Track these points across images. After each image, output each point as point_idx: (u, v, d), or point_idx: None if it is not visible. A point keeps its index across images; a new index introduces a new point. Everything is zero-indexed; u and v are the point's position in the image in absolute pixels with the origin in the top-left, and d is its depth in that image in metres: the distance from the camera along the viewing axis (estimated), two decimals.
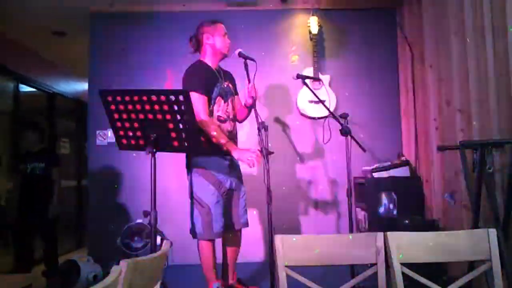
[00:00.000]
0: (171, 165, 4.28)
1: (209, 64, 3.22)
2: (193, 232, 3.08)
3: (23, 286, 4.13)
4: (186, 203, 4.44)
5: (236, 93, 3.39)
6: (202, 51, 3.26)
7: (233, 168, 3.20)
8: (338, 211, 4.17)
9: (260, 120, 2.92)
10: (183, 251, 4.21)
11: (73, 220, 6.77)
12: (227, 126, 3.17)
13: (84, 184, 6.33)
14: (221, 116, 3.15)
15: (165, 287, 2.56)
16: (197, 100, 2.97)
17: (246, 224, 3.27)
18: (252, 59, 3.05)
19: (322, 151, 4.52)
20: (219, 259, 3.29)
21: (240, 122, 3.40)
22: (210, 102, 3.11)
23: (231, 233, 3.25)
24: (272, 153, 2.91)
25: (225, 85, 3.23)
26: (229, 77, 3.35)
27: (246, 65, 3.04)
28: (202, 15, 4.73)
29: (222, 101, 3.17)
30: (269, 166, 2.74)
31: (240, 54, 3.07)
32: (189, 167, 3.13)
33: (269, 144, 2.95)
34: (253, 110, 3.05)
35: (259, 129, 2.87)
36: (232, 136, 3.20)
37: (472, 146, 2.59)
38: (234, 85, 3.38)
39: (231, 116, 3.23)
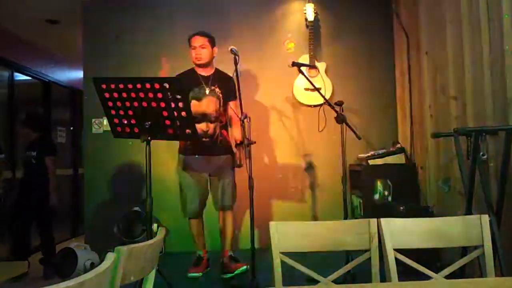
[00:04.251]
0: (169, 152, 4.28)
1: (197, 71, 3.59)
2: None
3: (20, 274, 4.17)
4: None
5: (230, 99, 3.58)
6: None
7: (209, 163, 3.58)
8: (333, 198, 4.18)
9: (243, 113, 3.14)
10: (180, 238, 4.24)
11: (69, 209, 6.78)
12: (202, 126, 3.44)
13: (81, 173, 6.33)
14: (196, 117, 3.42)
15: (161, 274, 2.58)
16: None
17: (226, 207, 3.59)
18: (237, 55, 3.27)
19: (317, 138, 4.52)
20: None
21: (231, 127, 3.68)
22: None
23: (219, 215, 3.67)
24: (254, 142, 3.09)
25: (206, 89, 3.50)
26: (221, 82, 3.57)
27: (235, 61, 3.25)
28: (196, 2, 4.74)
29: (197, 103, 3.46)
30: (251, 156, 3.03)
31: (231, 51, 3.28)
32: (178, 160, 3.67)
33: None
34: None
35: (241, 121, 3.08)
36: (207, 136, 3.48)
37: (466, 133, 2.60)
38: (225, 90, 3.57)
39: (210, 119, 3.51)
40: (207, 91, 3.50)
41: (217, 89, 3.54)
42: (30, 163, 4.45)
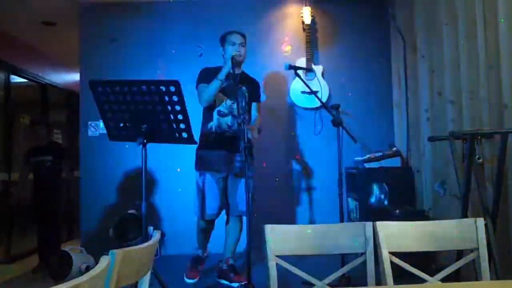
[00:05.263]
0: (166, 156, 4.28)
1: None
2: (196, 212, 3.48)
3: (16, 275, 4.15)
4: (180, 194, 4.47)
5: (255, 99, 3.60)
6: None
7: (231, 160, 3.39)
8: (329, 201, 4.18)
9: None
10: (176, 241, 4.23)
11: (65, 211, 6.74)
12: (227, 121, 3.40)
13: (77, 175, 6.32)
14: (221, 111, 3.41)
15: (157, 277, 2.57)
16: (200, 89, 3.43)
17: (241, 213, 3.41)
18: (235, 58, 3.32)
19: (314, 141, 4.53)
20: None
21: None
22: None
23: (229, 219, 3.51)
24: (252, 144, 3.11)
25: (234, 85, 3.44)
26: (248, 83, 3.53)
27: (233, 63, 3.28)
28: (193, 4, 4.74)
29: (226, 98, 3.42)
30: (247, 159, 2.92)
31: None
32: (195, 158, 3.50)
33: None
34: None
35: (240, 124, 3.01)
36: (231, 131, 3.39)
37: (462, 136, 2.60)
38: (251, 91, 3.53)
39: (236, 114, 3.39)
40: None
41: (244, 87, 3.45)
42: (43, 167, 4.50)
